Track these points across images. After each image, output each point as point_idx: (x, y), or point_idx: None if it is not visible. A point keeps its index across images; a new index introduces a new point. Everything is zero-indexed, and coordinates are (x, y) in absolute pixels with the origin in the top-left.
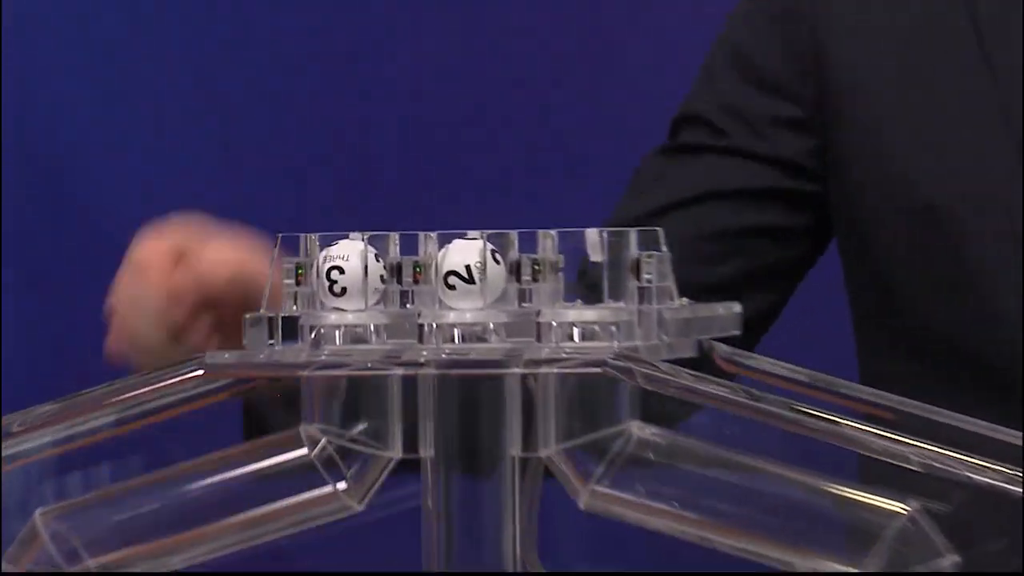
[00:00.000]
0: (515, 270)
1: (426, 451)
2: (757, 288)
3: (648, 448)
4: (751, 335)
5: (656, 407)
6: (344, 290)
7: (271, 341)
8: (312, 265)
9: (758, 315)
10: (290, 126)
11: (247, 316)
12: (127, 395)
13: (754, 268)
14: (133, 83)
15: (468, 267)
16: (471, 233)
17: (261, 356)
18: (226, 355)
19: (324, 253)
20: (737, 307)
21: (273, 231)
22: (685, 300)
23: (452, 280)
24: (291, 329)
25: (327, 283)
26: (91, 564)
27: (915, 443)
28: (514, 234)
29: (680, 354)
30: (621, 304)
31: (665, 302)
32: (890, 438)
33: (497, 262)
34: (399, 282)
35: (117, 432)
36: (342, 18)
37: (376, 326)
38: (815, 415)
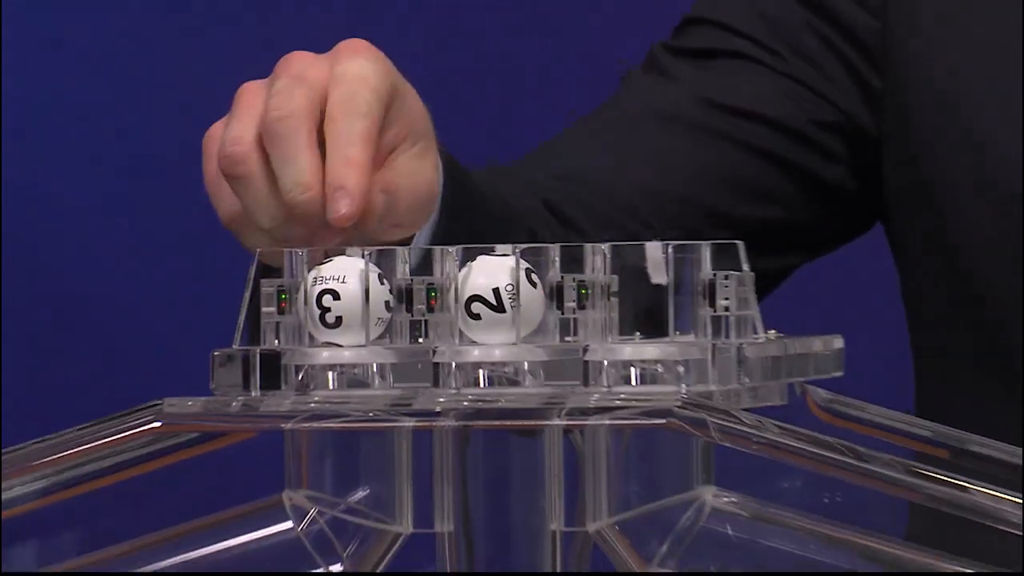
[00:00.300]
0: (556, 294)
1: (443, 525)
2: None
3: (725, 521)
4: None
5: (735, 468)
6: (339, 320)
7: (245, 385)
8: (299, 288)
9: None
10: None
11: (215, 353)
12: (62, 454)
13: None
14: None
15: (496, 291)
16: (500, 248)
17: (233, 404)
18: (189, 402)
19: (314, 273)
20: (839, 342)
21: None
22: (773, 333)
23: (476, 307)
24: (272, 369)
25: (318, 311)
26: None
27: None
28: (554, 249)
29: (766, 401)
30: (691, 337)
31: (747, 335)
32: None
33: (533, 284)
34: (409, 310)
35: (43, 503)
36: (340, 17)
37: (380, 366)
38: (942, 479)
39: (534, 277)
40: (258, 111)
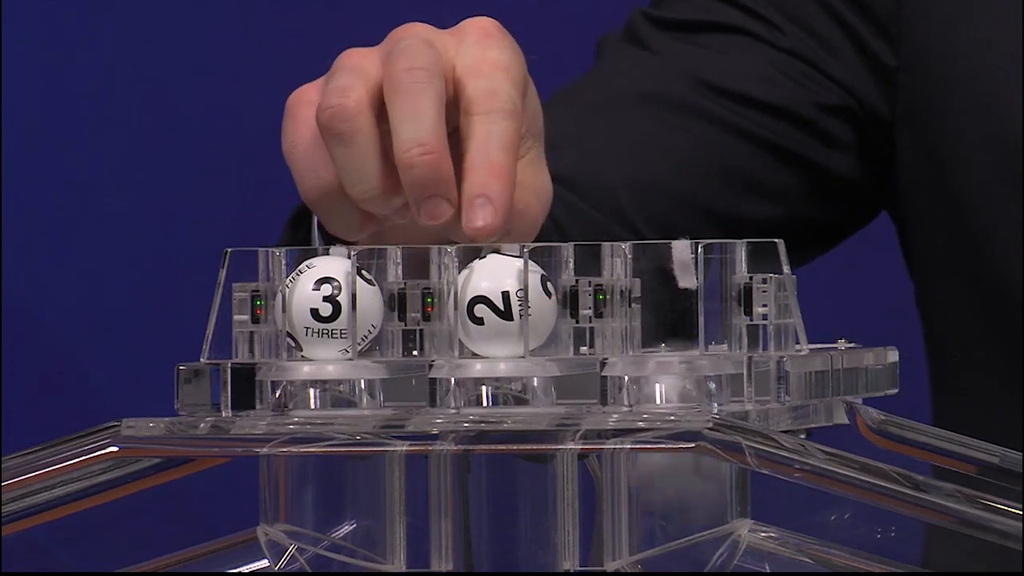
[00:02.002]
0: (570, 300)
1: (441, 564)
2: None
3: (763, 560)
4: None
5: (775, 499)
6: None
7: (215, 404)
8: (277, 294)
9: None
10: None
11: (180, 367)
12: (6, 483)
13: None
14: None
15: (506, 295)
16: (507, 247)
17: (201, 426)
18: (150, 423)
19: (296, 276)
20: (894, 355)
21: (226, 243)
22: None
23: (480, 310)
24: (246, 386)
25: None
26: None
27: None
28: (568, 248)
29: (810, 423)
30: (724, 349)
31: (788, 346)
32: None
33: (548, 293)
34: (402, 318)
35: None
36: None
37: (368, 382)
38: (1010, 511)
39: (549, 286)
40: (368, 70)
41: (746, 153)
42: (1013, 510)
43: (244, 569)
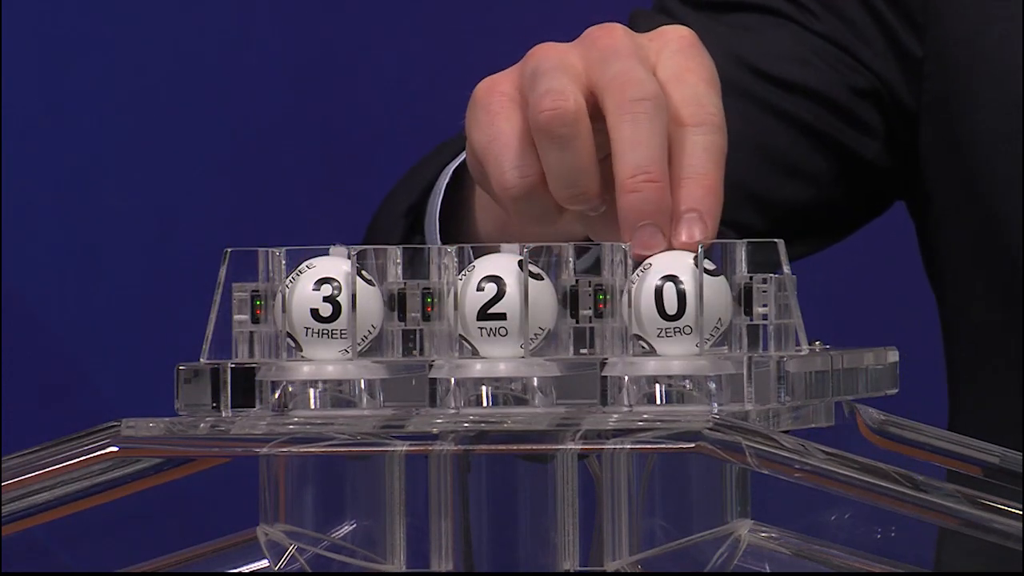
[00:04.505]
0: (570, 300)
1: (441, 564)
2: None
3: (763, 559)
4: None
5: (775, 499)
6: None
7: (214, 403)
8: (277, 294)
9: None
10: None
11: (180, 367)
12: (5, 482)
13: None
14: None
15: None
16: (505, 246)
17: (201, 426)
18: (150, 423)
19: (296, 276)
20: (894, 355)
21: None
22: (819, 344)
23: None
24: (246, 386)
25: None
26: None
27: None
28: (568, 248)
29: (810, 423)
30: (724, 350)
31: (789, 346)
32: None
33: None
34: (402, 318)
35: None
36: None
37: (368, 383)
38: (1011, 511)
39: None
40: (577, 70)
41: (783, 134)
42: (1013, 510)
43: (244, 569)
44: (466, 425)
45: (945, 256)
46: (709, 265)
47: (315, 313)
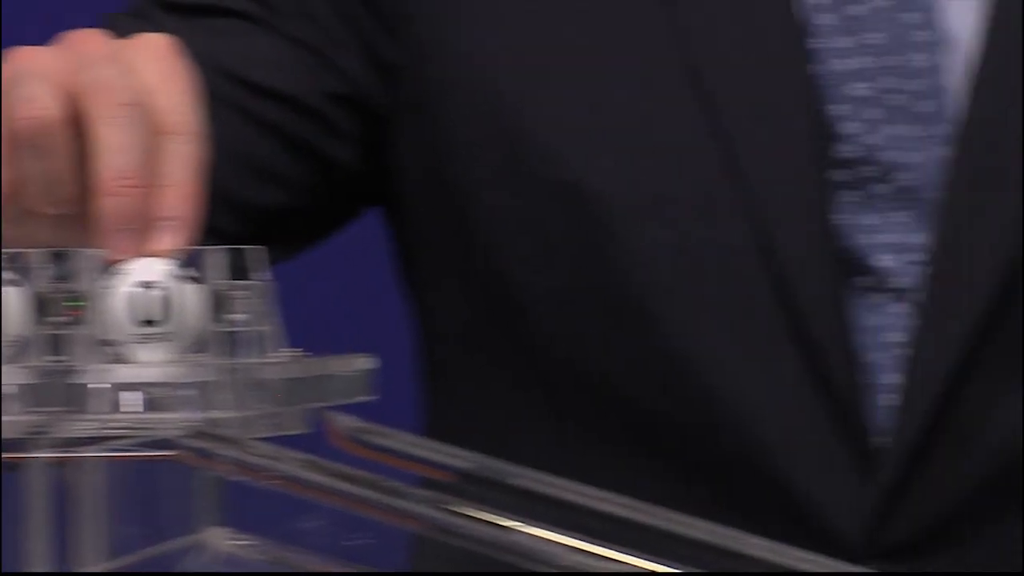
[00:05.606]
0: (42, 307)
1: None
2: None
3: (239, 566)
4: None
5: (252, 507)
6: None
7: None
8: None
9: None
10: None
11: None
12: None
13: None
14: None
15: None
16: None
17: None
18: None
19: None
20: (366, 362)
21: None
22: (297, 352)
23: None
24: None
25: None
26: None
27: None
28: (43, 253)
29: (287, 430)
30: (201, 356)
31: (264, 354)
32: (591, 552)
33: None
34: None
35: None
36: None
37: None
38: (484, 521)
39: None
40: (58, 76)
41: (259, 139)
42: (485, 517)
43: None
44: None
45: (422, 260)
46: (186, 271)
47: None
